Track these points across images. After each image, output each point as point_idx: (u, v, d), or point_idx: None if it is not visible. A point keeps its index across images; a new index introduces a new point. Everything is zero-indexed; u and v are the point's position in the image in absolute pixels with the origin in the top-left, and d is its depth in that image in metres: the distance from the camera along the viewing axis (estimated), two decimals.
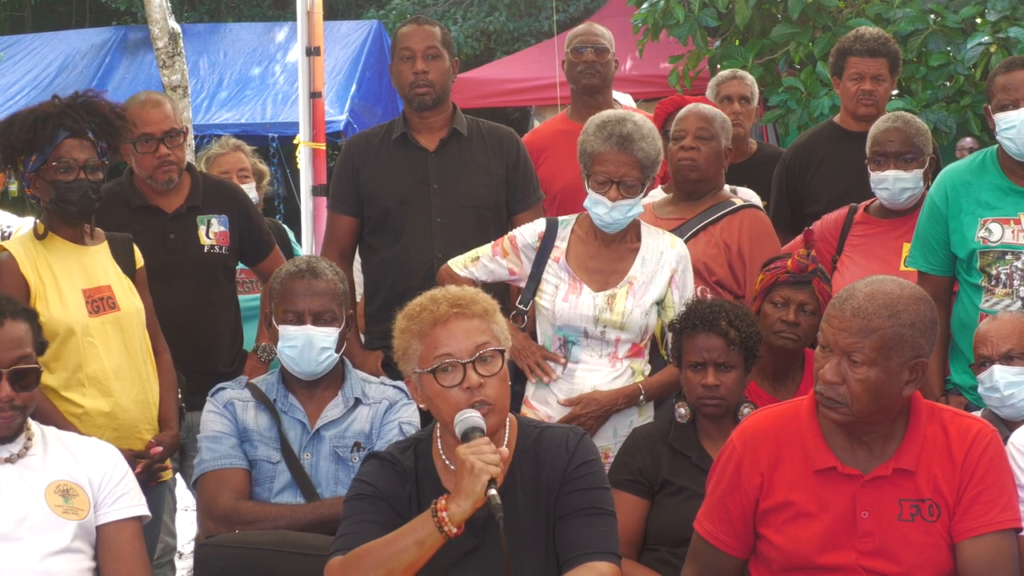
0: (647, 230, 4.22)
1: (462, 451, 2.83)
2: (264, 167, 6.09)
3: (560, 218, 4.28)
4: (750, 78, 6.00)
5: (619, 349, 4.11)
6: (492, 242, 4.31)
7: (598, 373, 4.11)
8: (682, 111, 4.75)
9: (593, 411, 4.03)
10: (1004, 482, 2.96)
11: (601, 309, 4.08)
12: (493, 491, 2.78)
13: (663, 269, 4.14)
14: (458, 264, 4.25)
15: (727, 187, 5.13)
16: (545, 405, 4.13)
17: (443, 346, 2.92)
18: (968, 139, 8.32)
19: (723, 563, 3.11)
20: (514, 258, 4.22)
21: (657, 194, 4.84)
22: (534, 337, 4.23)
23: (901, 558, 2.92)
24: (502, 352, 2.96)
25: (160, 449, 4.02)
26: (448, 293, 3.00)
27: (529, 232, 4.24)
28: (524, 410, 4.15)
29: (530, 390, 4.18)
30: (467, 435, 2.86)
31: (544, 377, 4.11)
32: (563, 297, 4.11)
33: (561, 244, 4.19)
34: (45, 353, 3.82)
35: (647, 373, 4.15)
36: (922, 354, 2.91)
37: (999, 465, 2.97)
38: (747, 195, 5.15)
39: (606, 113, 4.20)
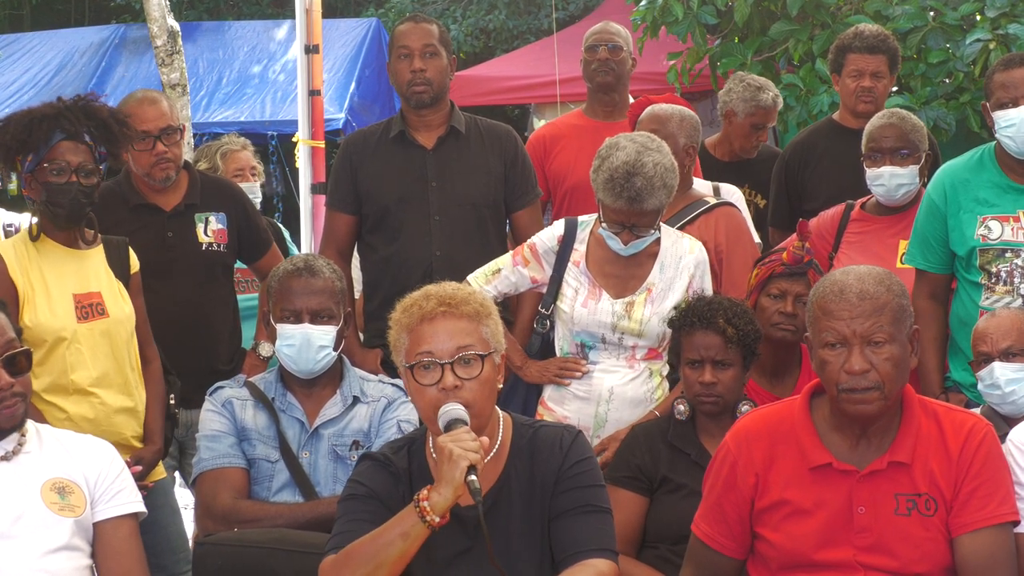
0: (667, 233, 4.19)
1: (442, 439, 2.83)
2: (260, 167, 6.10)
3: (579, 218, 4.25)
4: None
5: (636, 352, 4.10)
6: (511, 252, 4.29)
7: (616, 374, 4.10)
8: (641, 116, 4.72)
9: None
10: (1001, 476, 2.97)
11: (619, 316, 4.06)
12: (473, 477, 2.77)
13: (682, 275, 4.12)
14: (478, 280, 4.20)
15: (710, 184, 5.12)
16: (561, 406, 4.13)
17: (425, 343, 2.93)
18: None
19: (721, 564, 3.11)
20: (536, 265, 4.20)
21: None
22: (551, 345, 4.22)
23: (899, 552, 2.92)
24: (485, 356, 2.93)
25: (139, 468, 3.96)
26: (441, 290, 2.99)
27: (548, 236, 4.22)
28: (540, 411, 4.15)
29: (547, 391, 4.17)
30: (450, 427, 2.86)
31: (576, 374, 4.10)
32: (582, 303, 4.10)
33: (580, 247, 4.17)
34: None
35: (664, 374, 4.14)
36: (914, 321, 2.99)
37: (995, 459, 2.97)
38: (728, 191, 5.14)
39: (619, 159, 3.96)
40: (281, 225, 6.18)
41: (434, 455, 3.01)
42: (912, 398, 3.01)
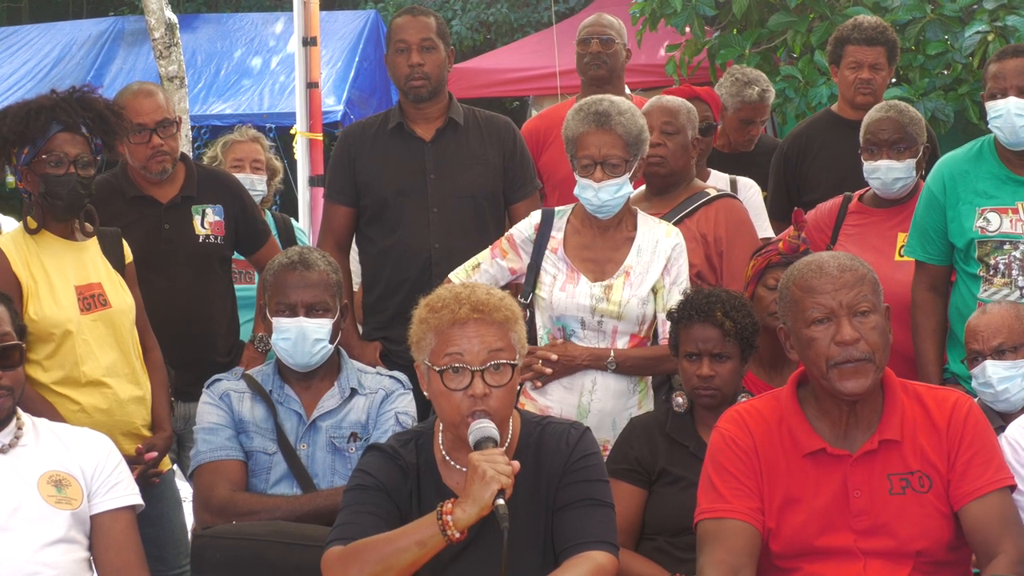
0: (643, 219, 4.21)
1: (476, 457, 2.83)
2: (279, 164, 6.01)
3: (556, 208, 4.27)
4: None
5: (617, 340, 4.10)
6: (489, 247, 4.29)
7: None
8: (645, 106, 4.66)
9: (562, 364, 4.04)
10: (992, 445, 3.01)
11: (598, 299, 4.07)
12: (501, 501, 2.79)
13: (658, 258, 4.12)
14: (459, 276, 4.20)
15: (727, 177, 5.11)
16: (544, 395, 4.12)
17: (455, 346, 2.91)
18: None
19: (747, 536, 2.96)
20: (513, 256, 4.21)
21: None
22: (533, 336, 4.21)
23: (897, 532, 2.94)
24: (514, 365, 2.94)
25: (155, 455, 4.00)
26: (473, 295, 2.96)
27: (525, 226, 4.23)
28: (523, 400, 4.13)
29: (529, 382, 4.17)
30: (480, 444, 2.86)
31: (547, 370, 4.09)
32: (560, 287, 4.10)
33: (557, 235, 4.18)
34: (39, 352, 3.82)
35: None
36: (883, 299, 3.04)
37: (984, 429, 3.01)
38: (745, 185, 5.13)
39: (585, 99, 4.20)
40: (294, 221, 6.14)
41: (443, 452, 3.01)
42: (893, 379, 3.04)
